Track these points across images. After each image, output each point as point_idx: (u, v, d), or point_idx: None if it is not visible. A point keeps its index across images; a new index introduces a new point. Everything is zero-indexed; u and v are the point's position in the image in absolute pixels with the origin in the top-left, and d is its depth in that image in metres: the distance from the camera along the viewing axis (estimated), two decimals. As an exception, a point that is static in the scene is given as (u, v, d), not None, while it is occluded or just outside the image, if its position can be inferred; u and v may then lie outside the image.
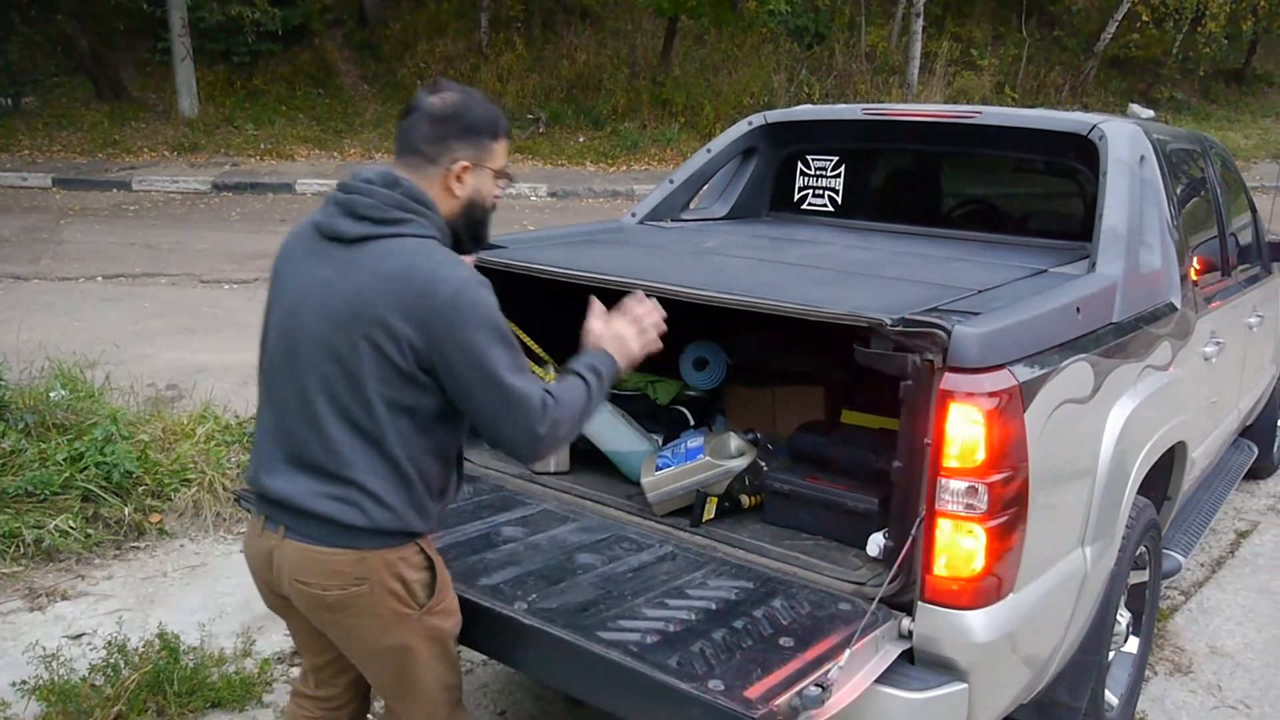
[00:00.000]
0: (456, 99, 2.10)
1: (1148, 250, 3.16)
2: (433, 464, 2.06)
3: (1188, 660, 3.73)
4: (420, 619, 2.10)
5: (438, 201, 2.09)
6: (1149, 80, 21.44)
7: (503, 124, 2.16)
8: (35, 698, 3.17)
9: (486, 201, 2.17)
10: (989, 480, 2.18)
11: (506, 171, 2.19)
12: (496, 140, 2.14)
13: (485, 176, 2.14)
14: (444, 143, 2.08)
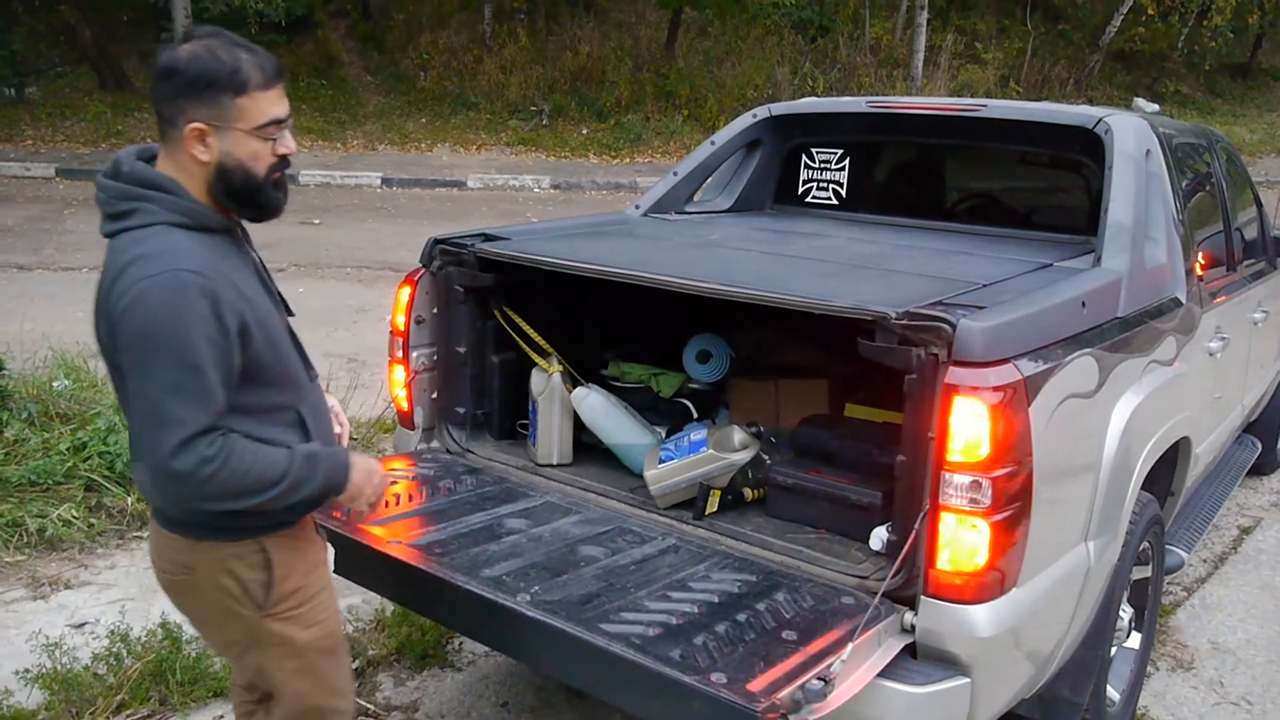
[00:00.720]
0: (188, 51, 1.83)
1: (1153, 245, 3.15)
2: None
3: (1190, 656, 3.73)
4: (260, 621, 2.02)
5: (187, 172, 1.87)
6: (1154, 74, 21.39)
7: (246, 74, 1.84)
8: (38, 686, 3.18)
9: (251, 166, 1.88)
10: (993, 475, 2.18)
11: (275, 127, 1.89)
12: (241, 95, 1.83)
13: (236, 138, 1.86)
14: (174, 103, 1.83)
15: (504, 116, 17.22)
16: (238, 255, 1.95)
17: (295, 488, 1.89)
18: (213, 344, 1.78)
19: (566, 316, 3.41)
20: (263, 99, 1.87)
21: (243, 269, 1.94)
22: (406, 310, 3.16)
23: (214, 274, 1.81)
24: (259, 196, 1.93)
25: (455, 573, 2.38)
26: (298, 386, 2.02)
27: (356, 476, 2.02)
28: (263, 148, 1.89)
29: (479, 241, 3.14)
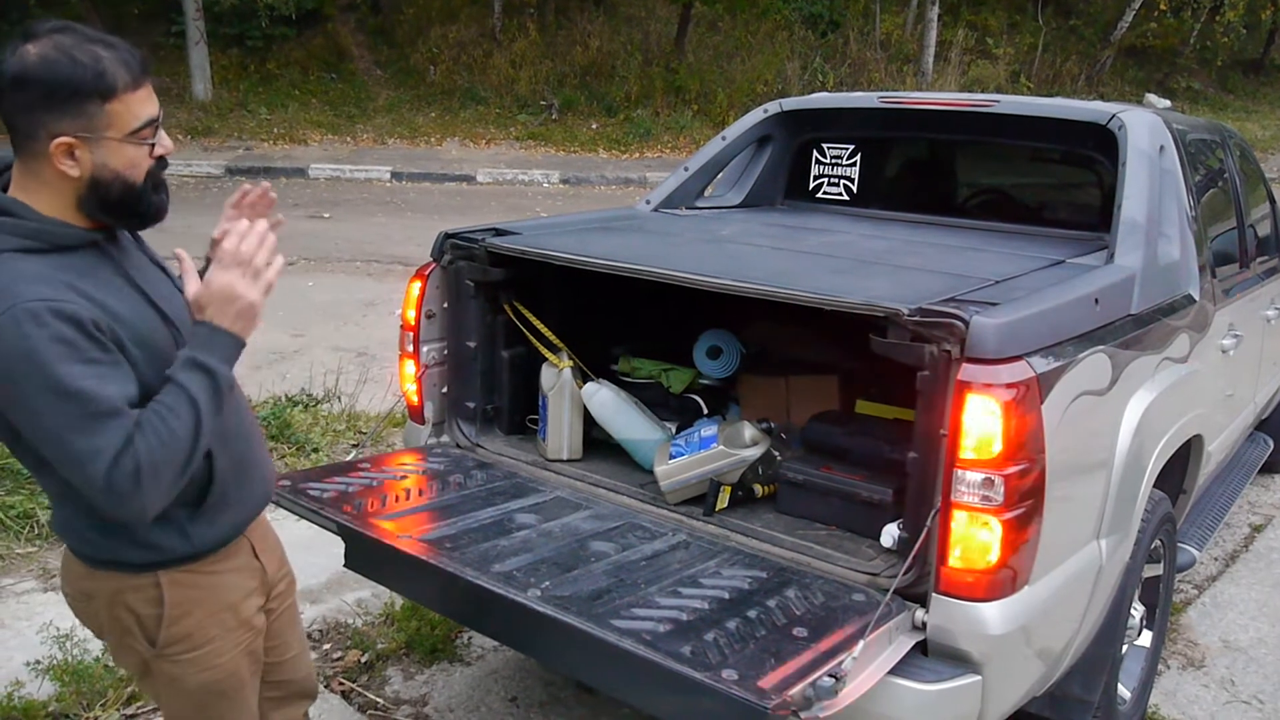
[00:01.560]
0: (37, 54, 1.60)
1: (1166, 241, 3.13)
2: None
3: (1201, 654, 3.71)
4: (153, 659, 1.90)
5: (51, 188, 1.67)
6: (1166, 70, 21.30)
7: (111, 76, 1.62)
8: (49, 677, 3.19)
9: (128, 175, 1.69)
10: (1005, 472, 2.17)
11: (150, 128, 1.70)
12: (110, 100, 1.63)
13: (111, 148, 1.66)
14: (31, 116, 1.61)
15: (513, 111, 17.22)
16: (107, 269, 1.74)
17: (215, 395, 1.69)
18: (89, 363, 1.59)
19: (577, 311, 3.40)
20: (133, 100, 1.66)
21: (111, 285, 1.72)
22: (417, 305, 3.16)
23: (69, 297, 1.61)
24: (139, 205, 1.74)
25: (465, 567, 2.37)
26: None
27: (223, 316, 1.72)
28: (139, 153, 1.70)
29: (490, 236, 3.14)
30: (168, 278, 1.91)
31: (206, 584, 1.91)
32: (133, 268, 1.81)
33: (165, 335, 1.78)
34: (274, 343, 6.87)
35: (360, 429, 5.39)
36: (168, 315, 1.79)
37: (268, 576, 2.07)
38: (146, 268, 1.87)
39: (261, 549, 2.06)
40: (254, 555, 2.03)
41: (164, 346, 1.76)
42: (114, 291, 1.72)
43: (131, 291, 1.76)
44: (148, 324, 1.75)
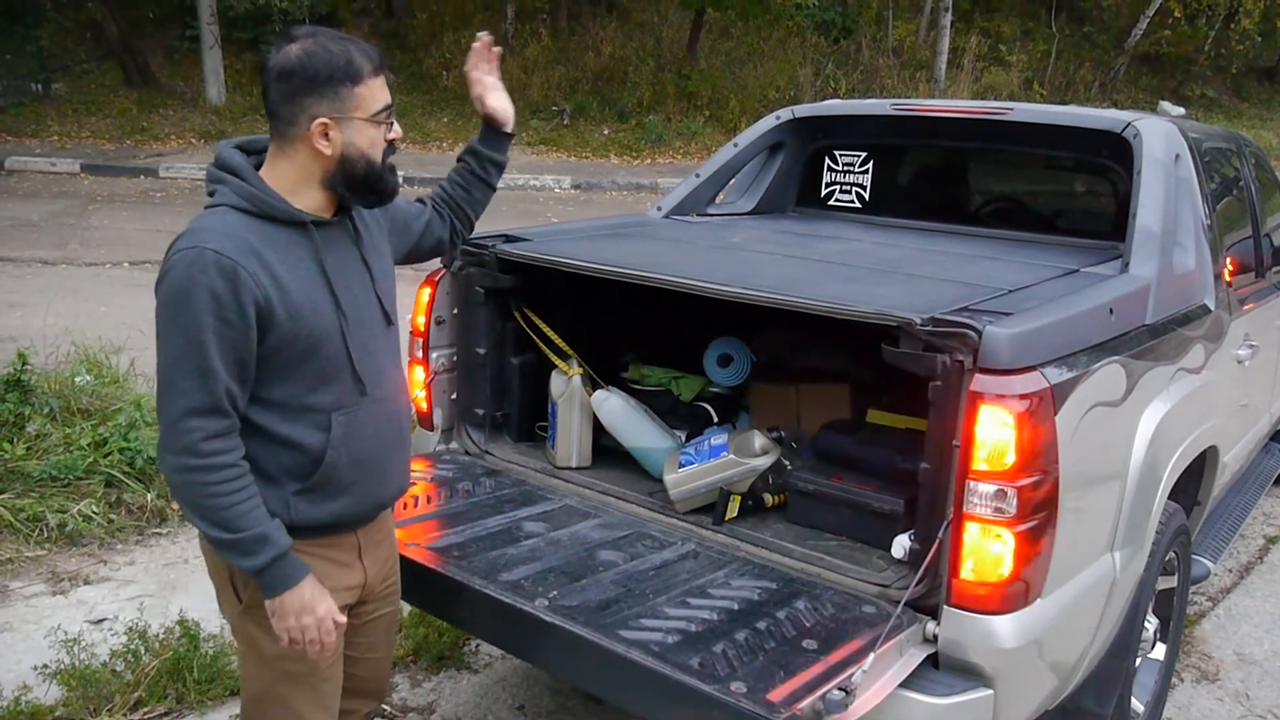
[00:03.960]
0: (299, 50, 1.87)
1: (1182, 251, 3.11)
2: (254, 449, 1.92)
3: (1215, 668, 3.68)
4: (240, 616, 2.06)
5: (304, 170, 1.92)
6: (1180, 77, 21.21)
7: (359, 64, 1.89)
8: (56, 682, 3.20)
9: (370, 153, 1.94)
10: (1018, 484, 2.15)
11: (386, 113, 1.95)
12: (358, 84, 1.89)
13: (357, 127, 1.91)
14: (294, 103, 1.87)
15: (525, 116, 17.22)
16: (301, 248, 1.92)
17: (232, 548, 1.89)
18: (223, 323, 1.80)
19: (587, 318, 3.39)
20: (375, 86, 1.92)
21: (295, 261, 1.90)
22: (427, 310, 3.16)
23: (243, 255, 1.82)
24: (379, 182, 1.97)
25: (473, 576, 2.36)
26: (339, 393, 1.97)
27: (290, 598, 1.92)
28: (378, 134, 1.94)
29: (500, 242, 3.13)
30: (369, 275, 2.06)
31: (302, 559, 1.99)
32: (329, 254, 1.97)
33: (329, 318, 1.94)
34: (285, 347, 6.87)
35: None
36: (340, 303, 1.96)
37: (368, 581, 2.16)
38: (348, 260, 2.02)
39: (370, 554, 2.15)
40: (358, 556, 2.13)
41: (322, 324, 1.93)
42: (294, 266, 1.90)
43: (314, 272, 1.93)
44: (314, 303, 1.92)
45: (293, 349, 1.90)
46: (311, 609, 1.95)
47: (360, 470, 2.02)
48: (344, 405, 1.97)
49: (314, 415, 1.95)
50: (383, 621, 2.29)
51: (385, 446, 2.08)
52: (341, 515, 2.04)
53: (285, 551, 1.91)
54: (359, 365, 1.98)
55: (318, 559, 2.03)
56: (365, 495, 2.06)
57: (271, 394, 1.92)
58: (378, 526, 2.18)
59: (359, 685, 2.31)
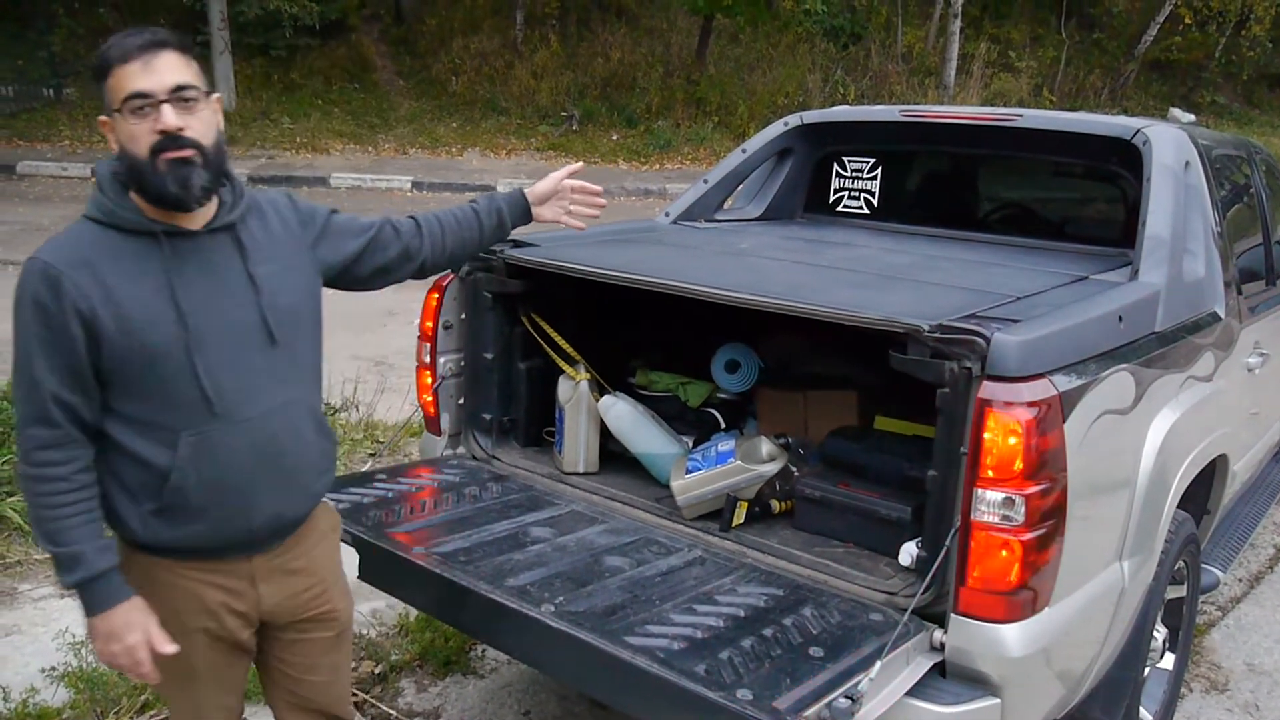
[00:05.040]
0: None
1: (1191, 258, 3.10)
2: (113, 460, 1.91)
3: (1224, 678, 3.66)
4: None
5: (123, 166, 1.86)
6: (1190, 84, 21.16)
7: (110, 56, 1.80)
8: (64, 684, 3.20)
9: (131, 149, 1.81)
10: (1026, 492, 2.14)
11: (136, 101, 1.79)
12: (108, 77, 1.80)
13: (118, 122, 1.81)
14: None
15: (534, 121, 17.27)
16: (150, 260, 1.85)
17: (54, 560, 1.89)
18: (49, 331, 1.80)
19: (594, 324, 3.39)
20: (122, 74, 1.79)
21: (142, 275, 1.84)
22: (434, 315, 3.16)
23: (72, 266, 1.79)
24: (144, 181, 1.82)
25: (479, 581, 2.36)
26: (188, 413, 1.88)
27: (99, 623, 1.89)
28: (137, 127, 1.80)
29: (508, 247, 3.13)
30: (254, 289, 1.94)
31: (164, 581, 1.98)
32: (187, 266, 1.88)
33: (168, 333, 1.85)
34: (293, 351, 6.88)
35: (378, 438, 5.39)
36: (186, 320, 1.86)
37: (266, 608, 2.09)
38: (218, 273, 1.92)
39: (270, 581, 2.07)
40: (251, 584, 2.05)
41: (159, 339, 1.84)
42: (136, 278, 1.83)
43: (159, 285, 1.85)
44: (150, 317, 1.84)
45: (131, 363, 1.84)
46: (120, 638, 1.90)
47: (216, 495, 1.92)
48: (193, 426, 1.88)
49: (162, 433, 1.88)
50: (317, 644, 2.20)
51: (248, 472, 1.95)
52: (199, 540, 1.95)
53: (99, 575, 1.86)
54: (208, 384, 1.87)
55: (194, 581, 1.99)
56: (226, 521, 1.95)
57: (123, 408, 1.88)
58: (286, 552, 2.08)
59: (307, 705, 2.27)
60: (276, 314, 1.97)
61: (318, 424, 2.12)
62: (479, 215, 2.46)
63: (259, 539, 2.03)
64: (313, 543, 2.15)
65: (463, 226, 2.43)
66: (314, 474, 2.10)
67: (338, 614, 2.22)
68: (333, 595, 2.20)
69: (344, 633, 2.26)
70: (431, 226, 2.39)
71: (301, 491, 2.07)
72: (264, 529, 2.02)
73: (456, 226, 2.43)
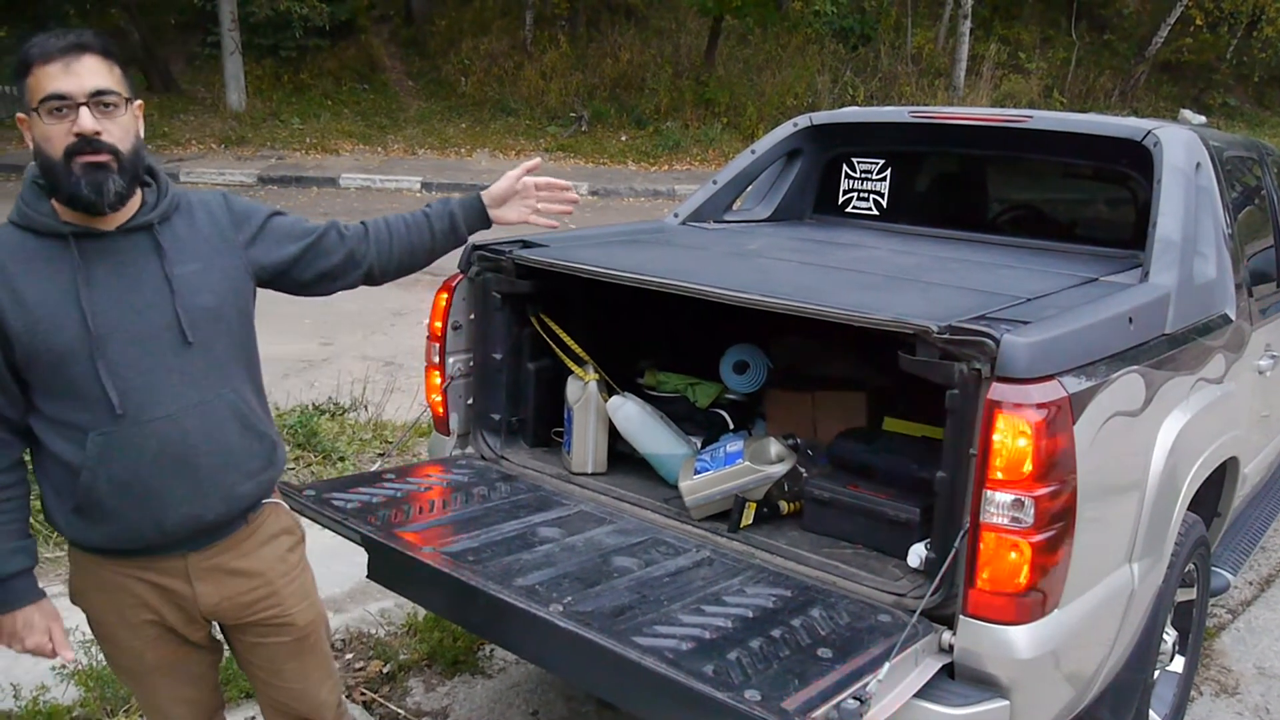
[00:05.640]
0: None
1: (1202, 260, 3.09)
2: (40, 459, 1.97)
3: (1234, 681, 3.64)
4: None
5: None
6: (1201, 85, 21.08)
7: (31, 53, 1.80)
8: (74, 682, 3.21)
9: (45, 149, 1.81)
10: (1036, 493, 2.13)
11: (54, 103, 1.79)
12: (28, 75, 1.80)
13: (34, 121, 1.82)
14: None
15: (543, 122, 17.30)
16: (61, 262, 1.86)
17: None
18: None
19: (603, 324, 3.39)
20: (42, 74, 1.79)
21: (51, 277, 1.85)
22: (443, 316, 3.17)
23: None
24: (58, 182, 1.82)
25: (488, 581, 2.36)
26: (94, 413, 1.88)
27: (4, 622, 1.97)
28: (53, 128, 1.80)
29: (517, 248, 3.14)
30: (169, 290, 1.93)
31: (100, 577, 2.04)
32: (97, 268, 1.88)
33: (72, 334, 1.85)
34: (303, 351, 6.91)
35: (386, 438, 5.40)
36: (89, 321, 1.86)
37: (205, 607, 2.10)
38: (132, 274, 1.91)
39: (207, 580, 2.08)
40: (186, 581, 2.06)
41: (63, 341, 1.85)
42: (45, 279, 1.85)
43: (66, 289, 1.85)
44: (55, 319, 1.85)
45: (40, 364, 1.86)
46: (19, 639, 1.99)
47: (126, 495, 1.92)
48: (99, 426, 1.88)
49: (73, 433, 1.89)
50: (279, 649, 2.20)
51: (157, 473, 1.93)
52: (115, 540, 1.97)
53: (7, 577, 1.93)
54: (110, 386, 1.87)
55: (129, 578, 2.03)
56: (137, 521, 1.95)
57: (43, 407, 1.91)
58: (224, 552, 2.09)
59: (285, 709, 2.29)
60: (192, 314, 1.95)
61: (243, 425, 2.06)
62: (430, 221, 2.35)
63: (175, 540, 2.01)
64: (255, 544, 2.14)
65: (412, 233, 2.33)
66: (237, 475, 2.05)
67: (291, 619, 2.19)
68: (283, 599, 2.17)
69: (305, 639, 2.23)
70: (380, 233, 2.31)
71: (221, 493, 2.03)
72: (178, 530, 1.99)
73: (406, 233, 2.32)
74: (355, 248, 2.27)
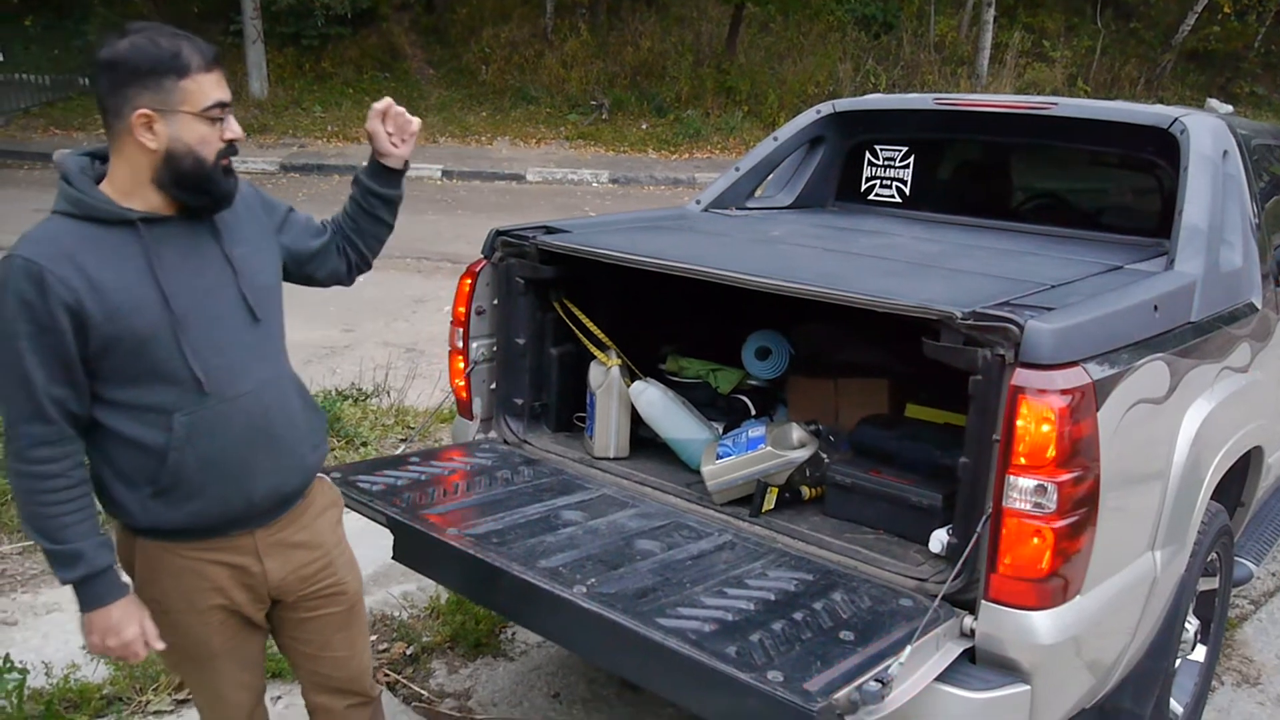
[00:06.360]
0: (127, 43, 1.84)
1: (1228, 248, 3.07)
2: (108, 449, 1.95)
3: (1256, 671, 3.63)
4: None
5: (131, 165, 1.87)
6: (1228, 74, 20.84)
7: (186, 58, 1.84)
8: (104, 662, 3.26)
9: (199, 150, 1.87)
10: (1059, 479, 2.13)
11: (218, 110, 1.88)
12: (184, 78, 1.84)
13: (184, 122, 1.85)
14: (119, 93, 1.83)
15: (564, 110, 17.29)
16: (130, 248, 1.88)
17: (51, 558, 1.91)
18: (37, 328, 1.80)
19: (625, 310, 3.41)
20: (205, 81, 1.86)
21: (123, 263, 1.87)
22: (467, 301, 3.19)
23: (53, 260, 1.80)
24: (208, 183, 1.91)
25: (512, 562, 2.38)
26: (179, 394, 1.92)
27: (97, 618, 1.94)
28: (210, 132, 1.88)
29: (540, 234, 3.15)
30: (231, 271, 1.99)
31: (171, 564, 2.03)
32: (166, 252, 1.91)
33: (155, 317, 1.89)
34: (325, 338, 6.96)
35: (409, 424, 5.44)
36: (170, 301, 1.90)
37: (273, 583, 2.14)
38: (198, 257, 1.96)
39: (274, 555, 2.12)
40: (256, 558, 2.10)
41: (145, 324, 1.88)
42: (117, 266, 1.86)
43: (141, 271, 1.88)
44: (135, 303, 1.87)
45: (119, 350, 1.87)
46: (116, 632, 1.95)
47: (214, 472, 1.97)
48: (185, 406, 1.92)
49: (155, 416, 1.91)
50: (331, 620, 2.26)
51: (243, 447, 2.00)
52: (201, 517, 1.99)
53: (100, 571, 1.91)
54: (196, 365, 1.91)
55: (200, 561, 2.04)
56: (225, 497, 2.00)
57: (114, 395, 1.90)
58: (287, 526, 2.13)
59: (327, 682, 2.32)
60: (255, 293, 2.02)
61: (303, 398, 2.17)
62: (358, 200, 2.35)
63: (259, 513, 2.07)
64: (312, 517, 2.20)
65: (358, 218, 2.35)
66: (307, 447, 2.15)
67: (345, 588, 2.27)
68: (338, 569, 2.25)
69: (355, 607, 2.31)
70: (346, 225, 2.36)
71: (297, 464, 2.12)
72: (264, 502, 2.07)
73: (354, 220, 2.35)
74: (346, 252, 2.37)
